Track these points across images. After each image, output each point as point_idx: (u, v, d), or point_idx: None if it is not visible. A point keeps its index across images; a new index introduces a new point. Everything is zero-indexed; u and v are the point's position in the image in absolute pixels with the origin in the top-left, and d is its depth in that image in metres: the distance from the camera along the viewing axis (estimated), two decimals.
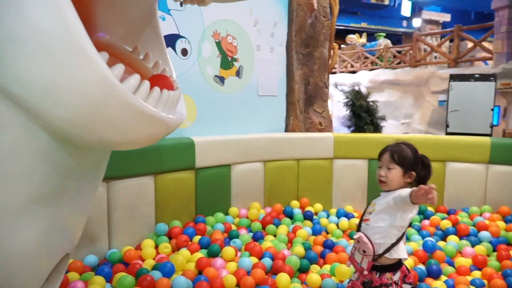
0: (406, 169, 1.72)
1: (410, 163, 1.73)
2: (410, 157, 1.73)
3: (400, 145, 1.77)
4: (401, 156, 1.73)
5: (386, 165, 1.73)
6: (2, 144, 0.88)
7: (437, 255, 2.61)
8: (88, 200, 1.37)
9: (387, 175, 1.72)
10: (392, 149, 1.75)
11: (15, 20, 0.78)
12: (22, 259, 1.08)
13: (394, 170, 1.71)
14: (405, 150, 1.74)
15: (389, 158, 1.73)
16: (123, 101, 0.91)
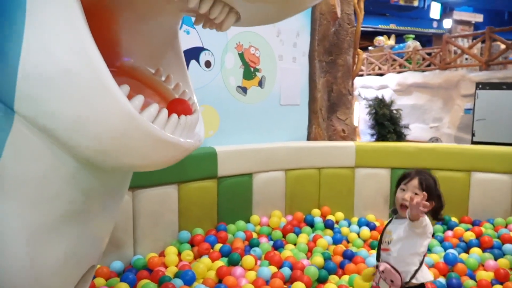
0: (429, 198, 1.70)
1: (433, 193, 1.75)
2: (433, 187, 1.77)
3: (425, 174, 1.80)
4: (427, 184, 1.75)
5: (412, 190, 1.75)
6: (35, 171, 0.97)
7: (458, 268, 2.59)
8: (113, 214, 1.46)
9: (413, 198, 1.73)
10: (420, 177, 1.78)
11: (47, 62, 0.87)
12: (53, 271, 1.17)
13: (419, 197, 1.68)
14: (430, 179, 1.78)
15: (418, 185, 1.75)
16: (142, 131, 0.98)
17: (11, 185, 0.97)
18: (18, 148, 0.94)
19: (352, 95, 4.51)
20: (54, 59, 0.86)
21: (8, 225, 0.99)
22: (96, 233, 1.33)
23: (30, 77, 0.87)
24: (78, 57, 0.87)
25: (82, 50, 0.87)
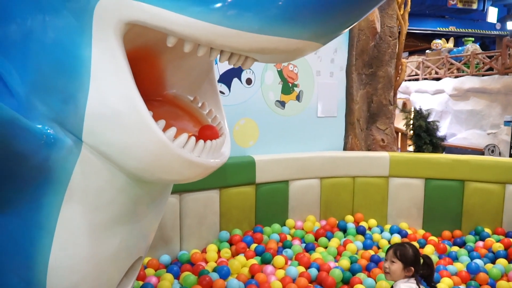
0: (405, 264, 2.02)
1: (410, 259, 2.03)
2: (410, 255, 2.04)
3: (404, 244, 2.10)
4: (402, 253, 2.05)
5: (390, 259, 2.05)
6: (96, 183, 1.31)
7: (480, 278, 2.70)
8: (156, 215, 1.79)
9: (390, 267, 2.04)
10: (395, 247, 2.08)
11: (104, 106, 1.20)
12: (109, 259, 1.51)
13: (396, 264, 2.03)
14: (407, 248, 2.06)
15: (392, 254, 2.05)
16: (173, 155, 1.28)
17: (78, 193, 1.32)
18: (84, 167, 1.29)
19: (392, 105, 4.63)
20: (109, 104, 1.19)
21: (76, 223, 1.34)
22: (142, 230, 1.66)
23: (93, 117, 1.21)
24: (126, 103, 1.19)
25: (128, 98, 1.19)
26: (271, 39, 1.15)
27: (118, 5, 1.13)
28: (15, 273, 1.35)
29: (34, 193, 1.25)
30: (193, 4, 1.11)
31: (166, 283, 2.39)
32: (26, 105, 1.22)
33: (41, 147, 1.19)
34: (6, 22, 1.27)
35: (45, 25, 1.20)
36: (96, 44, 1.17)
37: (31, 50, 1.22)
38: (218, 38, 1.15)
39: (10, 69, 1.24)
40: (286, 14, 1.12)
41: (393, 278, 2.04)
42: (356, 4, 1.19)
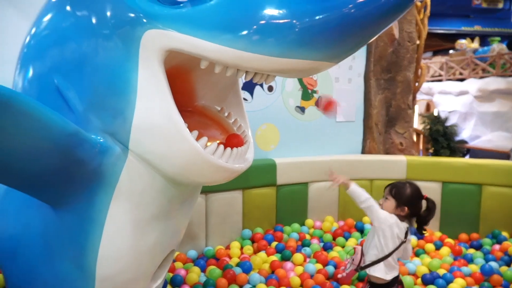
0: (399, 203, 2.06)
1: (405, 199, 2.07)
2: (406, 194, 2.08)
3: (404, 183, 2.13)
4: (398, 191, 2.09)
5: (385, 196, 2.12)
6: (139, 185, 1.53)
7: (494, 279, 2.81)
8: (187, 213, 2.00)
9: (383, 204, 2.11)
10: (393, 184, 2.12)
11: (147, 120, 1.41)
12: (147, 251, 1.73)
13: (389, 201, 2.09)
14: (405, 187, 2.10)
15: (388, 190, 2.11)
16: (205, 161, 1.48)
17: (124, 193, 1.54)
18: (130, 171, 1.50)
19: (411, 109, 4.74)
20: (152, 119, 1.41)
21: (122, 219, 1.56)
22: (175, 227, 1.88)
23: (138, 130, 1.42)
24: (166, 118, 1.40)
25: (168, 114, 1.40)
26: (290, 61, 1.34)
27: (161, 36, 1.35)
28: (70, 260, 1.58)
29: (89, 193, 1.48)
30: (222, 34, 1.32)
31: (194, 275, 2.61)
32: (83, 119, 1.44)
33: (96, 155, 1.41)
34: (66, 46, 1.50)
35: (99, 51, 1.43)
36: (142, 68, 1.39)
37: (86, 72, 1.44)
38: (243, 62, 1.35)
39: (70, 88, 1.47)
40: (303, 40, 1.30)
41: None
42: (365, 30, 1.37)
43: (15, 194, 1.53)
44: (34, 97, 1.51)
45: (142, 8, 1.38)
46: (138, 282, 1.78)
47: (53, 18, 1.58)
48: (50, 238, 1.56)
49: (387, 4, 1.31)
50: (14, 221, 1.65)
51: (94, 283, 1.62)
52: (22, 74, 1.64)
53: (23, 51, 1.67)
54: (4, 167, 1.29)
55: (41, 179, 1.38)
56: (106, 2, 1.43)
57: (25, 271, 1.68)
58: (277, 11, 1.29)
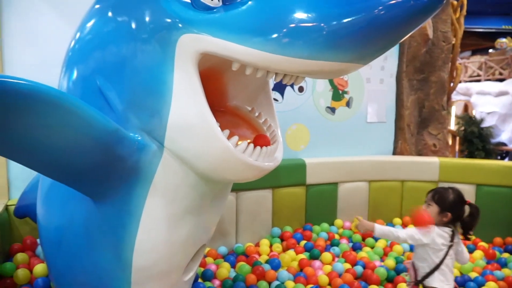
0: (442, 209, 2.04)
1: (448, 204, 2.04)
2: (449, 200, 2.05)
3: (446, 189, 2.10)
4: (441, 197, 2.06)
5: (427, 202, 2.09)
6: (173, 181, 1.61)
7: None
8: (218, 209, 2.07)
9: (425, 210, 2.08)
10: (436, 190, 2.10)
11: (182, 119, 1.49)
12: (180, 244, 1.81)
13: (432, 207, 2.06)
14: (448, 193, 2.07)
15: (430, 196, 2.09)
16: (236, 159, 1.55)
17: (160, 188, 1.62)
18: (165, 167, 1.59)
19: (446, 110, 4.66)
20: (187, 118, 1.49)
21: (157, 213, 1.65)
22: (206, 222, 1.95)
23: (173, 128, 1.51)
24: (199, 117, 1.48)
25: (202, 113, 1.48)
26: (318, 63, 1.39)
27: (195, 40, 1.43)
28: (109, 251, 1.68)
29: (127, 187, 1.57)
30: (253, 37, 1.38)
31: (224, 270, 2.69)
32: (123, 118, 1.54)
33: (134, 151, 1.51)
34: (107, 49, 1.60)
35: (138, 54, 1.52)
36: (178, 70, 1.47)
37: (126, 73, 1.54)
38: (273, 64, 1.41)
39: (111, 89, 1.57)
40: (331, 43, 1.35)
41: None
42: (393, 32, 1.40)
43: (60, 188, 1.64)
44: (78, 97, 1.62)
45: (178, 14, 1.46)
46: (171, 274, 1.87)
47: (95, 24, 1.69)
48: (91, 229, 1.67)
49: (415, 6, 1.33)
50: (59, 213, 1.78)
51: (131, 273, 1.72)
52: (67, 76, 1.76)
53: (68, 54, 1.79)
54: (53, 162, 1.40)
55: (85, 173, 1.49)
56: (145, 8, 1.53)
57: (68, 260, 1.80)
58: (305, 15, 1.34)
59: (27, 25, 2.67)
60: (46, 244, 1.91)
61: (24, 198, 2.50)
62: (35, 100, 1.19)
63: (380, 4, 1.31)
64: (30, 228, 2.62)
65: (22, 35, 2.66)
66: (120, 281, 1.73)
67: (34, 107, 1.19)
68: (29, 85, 1.17)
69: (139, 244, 1.66)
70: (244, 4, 1.42)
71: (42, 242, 1.97)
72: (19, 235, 2.65)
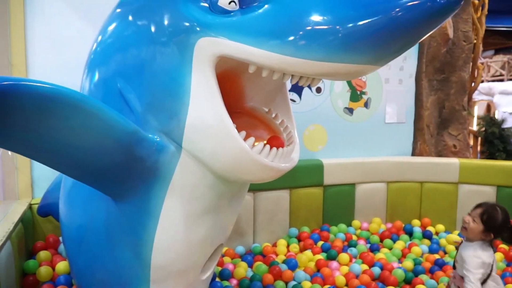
0: (487, 229, 1.98)
1: (494, 226, 1.99)
2: (497, 222, 1.98)
3: (495, 208, 2.02)
4: (490, 217, 1.98)
5: (473, 216, 2.03)
6: (191, 181, 1.64)
7: None
8: (235, 209, 2.09)
9: (469, 224, 2.02)
10: (485, 208, 2.02)
11: (199, 120, 1.52)
12: (197, 243, 1.84)
13: (477, 224, 2.00)
14: (497, 214, 1.99)
15: (478, 214, 2.01)
16: (252, 160, 1.57)
17: (178, 188, 1.66)
18: (183, 167, 1.62)
19: (467, 110, 4.59)
20: (204, 120, 1.51)
21: (175, 212, 1.69)
22: (223, 222, 1.98)
23: (191, 130, 1.53)
24: (216, 119, 1.50)
25: (219, 115, 1.50)
26: (334, 65, 1.40)
27: (213, 43, 1.46)
28: (129, 249, 1.72)
29: (146, 187, 1.61)
30: (269, 40, 1.40)
31: (242, 270, 2.71)
32: (142, 120, 1.58)
33: (153, 152, 1.54)
34: (128, 52, 1.64)
35: (157, 57, 1.55)
36: (195, 73, 1.50)
37: (146, 76, 1.57)
38: (289, 66, 1.42)
39: (131, 91, 1.61)
40: (346, 45, 1.35)
41: (468, 235, 2.02)
42: (409, 34, 1.39)
43: (81, 188, 1.69)
44: (99, 99, 1.67)
45: (196, 18, 1.49)
46: (189, 272, 1.90)
47: (116, 27, 1.73)
48: (112, 228, 1.72)
49: (432, 8, 1.32)
50: (81, 211, 1.83)
51: (149, 271, 1.76)
52: (89, 78, 1.81)
53: (90, 57, 1.84)
54: (76, 162, 1.45)
55: (106, 174, 1.53)
56: (164, 12, 1.56)
57: (89, 257, 1.85)
58: (321, 17, 1.35)
59: (50, 28, 2.75)
60: (68, 242, 1.97)
61: (47, 197, 2.58)
62: (58, 102, 1.23)
63: (397, 6, 1.31)
64: (53, 227, 2.70)
65: (45, 38, 2.74)
66: (139, 279, 1.78)
67: (57, 109, 1.24)
68: (53, 88, 1.21)
69: (158, 243, 1.70)
70: (261, 8, 1.44)
71: (64, 240, 2.03)
72: (42, 233, 2.73)
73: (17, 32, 2.67)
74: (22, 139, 1.26)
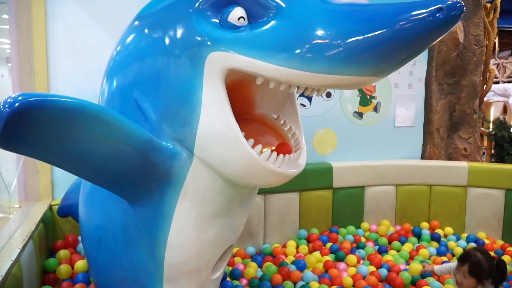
0: (480, 279, 2.07)
1: (484, 275, 2.06)
2: (485, 269, 2.06)
3: (477, 256, 2.09)
4: (477, 269, 2.07)
5: (463, 274, 2.10)
6: (202, 185, 1.74)
7: None
8: (245, 212, 2.18)
9: (462, 282, 2.11)
10: (470, 263, 2.09)
11: (210, 128, 1.61)
12: (208, 244, 1.93)
13: (469, 279, 2.08)
14: (481, 265, 2.07)
15: (467, 271, 2.09)
16: (260, 166, 1.66)
17: (190, 192, 1.76)
18: (194, 173, 1.72)
19: (478, 113, 4.60)
20: (214, 128, 1.61)
21: (187, 214, 1.78)
22: (233, 224, 2.07)
23: (202, 137, 1.63)
24: (226, 127, 1.59)
25: (228, 124, 1.59)
26: (338, 78, 1.47)
27: (223, 57, 1.55)
28: (144, 249, 1.83)
29: (160, 191, 1.72)
30: (276, 54, 1.48)
31: (252, 270, 2.81)
32: (157, 128, 1.68)
33: (167, 158, 1.64)
34: (144, 63, 1.74)
35: (171, 68, 1.65)
36: (207, 84, 1.59)
37: (161, 86, 1.67)
38: (295, 79, 1.51)
39: (145, 100, 1.72)
40: (349, 59, 1.43)
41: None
42: (410, 48, 1.46)
43: (100, 191, 1.79)
44: (117, 108, 1.78)
45: (208, 33, 1.58)
46: (200, 271, 2.00)
47: (134, 39, 1.84)
48: (128, 229, 1.83)
49: (432, 23, 1.39)
50: (99, 213, 1.94)
51: (163, 270, 1.86)
52: (107, 86, 1.92)
53: (109, 66, 1.95)
54: (95, 168, 1.56)
55: (123, 179, 1.64)
56: (178, 26, 1.66)
57: (107, 256, 1.97)
58: (325, 33, 1.43)
59: (71, 36, 2.88)
60: (87, 241, 2.09)
61: (67, 199, 2.71)
62: (80, 114, 1.34)
63: (398, 21, 1.38)
64: (72, 227, 2.83)
65: (66, 45, 2.87)
66: (154, 277, 1.88)
67: (79, 120, 1.34)
68: (74, 102, 1.32)
69: (171, 243, 1.80)
70: (268, 23, 1.52)
71: (83, 239, 2.15)
72: (61, 233, 2.86)
73: (39, 41, 2.80)
74: (48, 148, 1.37)
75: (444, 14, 1.37)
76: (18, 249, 2.00)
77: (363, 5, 1.60)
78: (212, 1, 1.62)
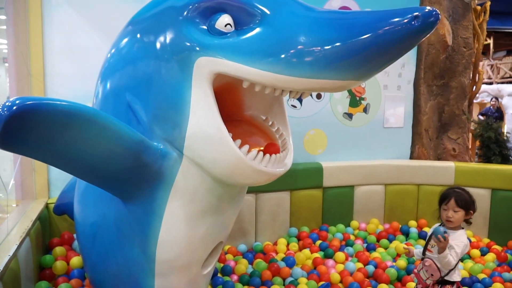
0: (467, 211, 2.22)
1: (469, 204, 2.23)
2: (469, 201, 2.23)
3: (460, 192, 2.27)
4: (465, 201, 2.23)
5: (452, 209, 2.23)
6: (191, 184, 1.82)
7: None
8: (235, 210, 2.26)
9: (454, 217, 2.22)
10: (456, 196, 2.24)
11: (199, 130, 1.69)
12: (198, 241, 2.01)
13: (459, 212, 2.22)
14: (466, 195, 2.24)
15: (455, 203, 2.23)
16: (247, 166, 1.73)
17: (180, 191, 1.83)
18: (184, 172, 1.80)
19: (467, 114, 4.70)
20: (203, 130, 1.69)
21: (178, 212, 1.86)
22: (223, 221, 2.14)
23: (191, 138, 1.71)
24: (214, 129, 1.67)
25: (216, 125, 1.67)
26: (320, 82, 1.55)
27: (210, 62, 1.63)
28: (137, 246, 1.90)
29: (152, 190, 1.79)
30: (261, 60, 1.57)
31: (242, 266, 2.89)
32: (148, 130, 1.76)
33: (158, 158, 1.72)
34: (136, 66, 1.82)
35: (162, 72, 1.72)
36: (195, 88, 1.67)
37: (151, 90, 1.75)
38: (279, 83, 1.59)
39: (137, 103, 1.80)
40: (330, 64, 1.51)
41: (454, 226, 2.24)
42: (388, 54, 1.54)
43: (94, 189, 1.87)
44: (110, 110, 1.86)
45: (196, 39, 1.66)
46: (191, 267, 2.08)
47: (126, 44, 1.92)
48: (121, 226, 1.91)
49: (408, 30, 1.47)
50: (93, 211, 2.02)
51: (155, 265, 1.94)
52: (101, 88, 2.00)
53: (103, 68, 2.03)
54: (89, 167, 1.64)
55: (116, 178, 1.72)
56: (168, 32, 1.74)
57: (101, 253, 2.05)
58: (307, 39, 1.51)
59: (67, 40, 2.95)
60: (82, 238, 2.17)
61: (62, 197, 2.78)
62: (74, 117, 1.42)
63: (377, 29, 1.46)
64: (68, 224, 2.91)
65: (62, 49, 2.95)
66: (146, 273, 1.96)
67: (73, 123, 1.42)
68: (69, 105, 1.40)
69: (162, 240, 1.88)
70: (253, 30, 1.61)
71: (78, 237, 2.23)
72: (57, 230, 2.94)
73: (36, 44, 2.87)
74: (44, 148, 1.45)
75: (419, 22, 1.45)
76: (15, 245, 2.07)
77: (344, 13, 1.69)
78: (201, 9, 1.69)
